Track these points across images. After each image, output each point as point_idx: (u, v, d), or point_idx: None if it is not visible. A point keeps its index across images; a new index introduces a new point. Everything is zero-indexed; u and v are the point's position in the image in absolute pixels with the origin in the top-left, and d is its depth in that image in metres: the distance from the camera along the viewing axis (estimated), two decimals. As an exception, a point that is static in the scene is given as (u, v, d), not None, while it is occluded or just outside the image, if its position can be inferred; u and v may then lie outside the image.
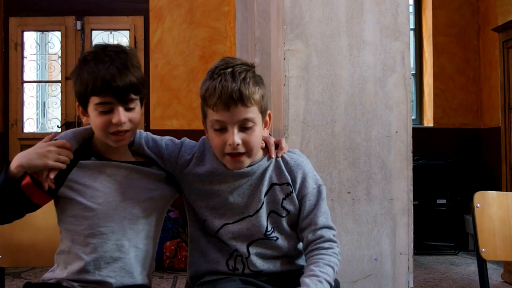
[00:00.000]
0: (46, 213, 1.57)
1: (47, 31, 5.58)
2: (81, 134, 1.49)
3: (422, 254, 4.98)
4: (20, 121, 5.41)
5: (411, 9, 5.61)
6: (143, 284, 1.52)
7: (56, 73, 5.53)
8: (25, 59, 5.49)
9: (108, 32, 5.52)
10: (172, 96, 5.28)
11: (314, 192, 1.52)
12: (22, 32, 5.45)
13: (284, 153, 1.54)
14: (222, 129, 1.42)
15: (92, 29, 5.46)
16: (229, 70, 1.42)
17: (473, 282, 4.01)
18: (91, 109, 1.42)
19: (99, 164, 1.47)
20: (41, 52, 5.78)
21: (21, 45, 5.43)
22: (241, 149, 1.42)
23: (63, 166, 1.41)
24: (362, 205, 2.02)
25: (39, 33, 5.64)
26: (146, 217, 1.50)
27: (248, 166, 1.48)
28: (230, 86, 1.38)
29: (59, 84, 5.46)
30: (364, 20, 2.04)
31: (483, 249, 1.83)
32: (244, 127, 1.42)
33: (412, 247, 2.05)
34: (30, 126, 5.56)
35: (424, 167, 5.09)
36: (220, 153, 1.45)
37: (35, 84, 5.66)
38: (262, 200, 1.50)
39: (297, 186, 1.51)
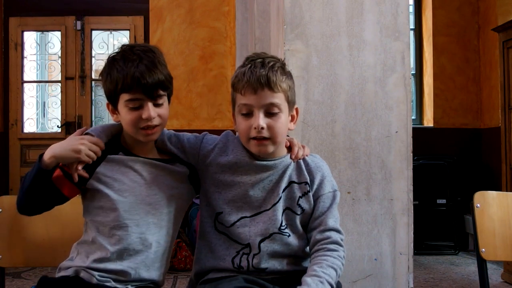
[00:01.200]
0: (47, 214, 1.57)
1: (47, 31, 5.59)
2: (110, 129, 1.55)
3: (422, 254, 4.98)
4: (20, 121, 5.41)
5: (411, 9, 5.61)
6: (158, 280, 1.56)
7: (56, 73, 5.53)
8: (25, 59, 5.49)
9: (108, 32, 5.52)
10: (172, 96, 5.27)
11: (329, 196, 1.56)
12: (22, 32, 5.45)
13: (306, 155, 1.60)
14: (249, 113, 1.48)
15: (92, 29, 5.46)
16: (260, 59, 1.49)
17: (473, 282, 4.01)
18: (121, 106, 1.48)
19: (127, 159, 1.52)
20: (41, 52, 5.78)
21: (21, 45, 5.43)
22: (266, 134, 1.47)
23: (90, 160, 1.46)
24: (362, 205, 2.02)
25: (39, 33, 5.65)
26: (168, 214, 1.55)
27: (271, 160, 1.53)
28: (258, 71, 1.46)
29: (59, 84, 5.46)
30: (364, 20, 2.04)
31: (483, 249, 1.83)
32: (269, 112, 1.48)
33: (412, 247, 2.05)
34: (30, 126, 5.56)
35: (424, 167, 5.09)
36: (246, 138, 1.50)
37: (35, 84, 5.66)
38: (280, 195, 1.53)
39: (315, 186, 1.55)
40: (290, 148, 1.59)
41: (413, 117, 5.42)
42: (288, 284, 1.50)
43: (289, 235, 1.53)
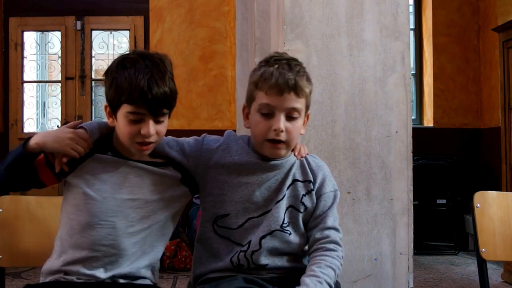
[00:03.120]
0: (47, 213, 1.57)
1: (47, 31, 5.59)
2: (105, 127, 1.51)
3: (422, 254, 4.98)
4: (20, 121, 5.41)
5: (411, 9, 5.61)
6: (147, 277, 1.53)
7: (56, 73, 5.53)
8: (25, 59, 5.49)
9: (108, 32, 5.52)
10: (172, 96, 5.27)
11: (330, 195, 1.57)
12: (22, 32, 5.45)
13: (307, 154, 1.60)
14: (269, 114, 1.46)
15: (92, 29, 5.46)
16: (285, 61, 1.48)
17: (473, 282, 4.01)
18: (121, 115, 1.43)
19: (114, 161, 1.49)
20: (41, 52, 5.78)
21: (21, 45, 5.43)
22: (283, 137, 1.46)
23: (77, 155, 1.44)
24: (362, 205, 2.02)
25: (39, 33, 5.64)
26: (153, 217, 1.51)
27: (278, 160, 1.52)
28: (287, 74, 1.45)
29: (59, 84, 5.46)
30: (364, 20, 2.04)
31: (483, 249, 1.83)
32: (290, 116, 1.47)
33: (412, 247, 2.05)
34: (30, 126, 5.56)
35: (424, 167, 5.09)
36: (261, 138, 1.48)
37: (35, 84, 5.66)
38: (284, 193, 1.53)
39: (317, 185, 1.56)
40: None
41: (413, 117, 5.42)
42: (287, 284, 1.49)
43: (290, 233, 1.53)
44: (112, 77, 1.43)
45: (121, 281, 1.48)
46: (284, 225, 1.52)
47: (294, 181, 1.55)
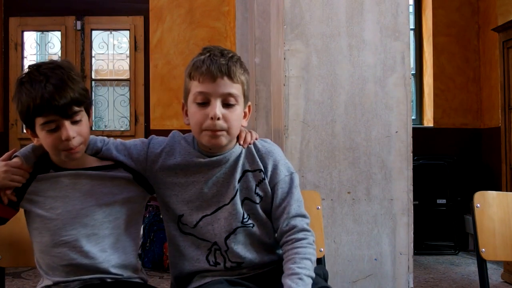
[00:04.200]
0: (46, 213, 1.57)
1: (47, 31, 5.59)
2: (40, 149, 1.50)
3: (422, 254, 4.97)
4: (20, 121, 5.40)
5: (411, 9, 5.61)
6: (131, 276, 1.53)
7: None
8: (25, 59, 5.49)
9: (108, 32, 5.52)
10: (172, 96, 5.28)
11: (286, 180, 1.52)
12: (22, 32, 5.45)
13: (256, 139, 1.56)
14: (205, 103, 1.44)
15: (92, 29, 5.46)
16: (217, 50, 1.47)
17: (473, 282, 4.00)
18: (38, 130, 1.43)
19: (57, 175, 1.48)
20: (41, 52, 5.78)
21: (21, 45, 5.43)
22: (222, 124, 1.43)
23: (18, 184, 1.45)
24: (362, 205, 2.02)
25: (39, 33, 5.65)
26: (112, 221, 1.50)
27: (221, 154, 1.49)
28: (218, 60, 1.43)
29: (59, 84, 5.45)
30: (364, 20, 2.04)
31: (483, 249, 1.83)
32: (227, 103, 1.44)
33: (412, 247, 2.05)
34: (30, 126, 5.56)
35: (424, 167, 5.09)
36: (199, 129, 1.45)
37: (35, 84, 5.65)
38: (236, 187, 1.50)
39: (269, 173, 1.52)
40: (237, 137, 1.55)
41: (413, 117, 5.42)
42: (270, 280, 1.49)
43: (253, 226, 1.51)
44: (17, 99, 1.44)
45: (109, 280, 1.49)
46: (244, 220, 1.50)
47: (245, 172, 1.51)
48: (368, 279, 2.02)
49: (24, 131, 5.46)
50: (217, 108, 1.42)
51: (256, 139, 1.56)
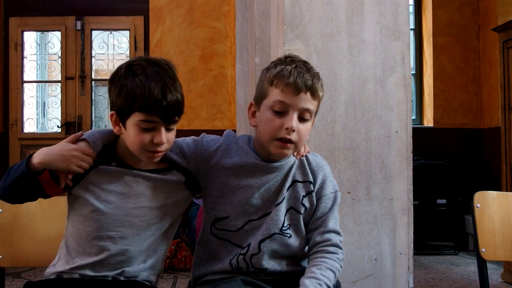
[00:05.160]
0: (47, 214, 1.57)
1: (47, 31, 5.59)
2: (107, 136, 1.48)
3: (422, 254, 4.98)
4: (20, 121, 5.41)
5: (411, 9, 5.61)
6: (148, 280, 1.53)
7: (56, 73, 5.53)
8: (25, 59, 5.49)
9: (108, 32, 5.52)
10: (172, 96, 5.27)
11: (331, 196, 1.55)
12: (22, 32, 5.45)
13: (308, 152, 1.58)
14: (282, 112, 1.44)
15: (92, 29, 5.46)
16: (301, 62, 1.48)
17: (473, 282, 4.01)
18: (131, 123, 1.40)
19: (118, 171, 1.48)
20: (41, 52, 5.78)
21: (21, 45, 5.43)
22: (294, 137, 1.44)
23: (82, 171, 1.43)
24: (362, 205, 2.02)
25: (39, 33, 5.65)
26: (158, 223, 1.51)
27: (278, 162, 1.51)
28: (305, 74, 1.44)
29: (59, 84, 5.46)
30: (364, 20, 2.04)
31: (483, 249, 1.83)
32: (302, 117, 1.45)
33: (412, 247, 2.05)
34: (30, 126, 5.56)
35: (424, 167, 5.09)
36: (271, 136, 1.45)
37: (35, 84, 5.66)
38: (284, 195, 1.51)
39: (317, 186, 1.54)
40: None
41: (413, 117, 5.42)
42: (286, 285, 1.49)
43: (291, 236, 1.52)
44: (121, 84, 1.39)
45: (122, 278, 1.49)
46: (284, 228, 1.51)
47: (294, 182, 1.53)
48: (368, 279, 2.02)
49: (25, 130, 5.48)
50: (294, 120, 1.44)
51: (308, 152, 1.59)
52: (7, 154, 5.33)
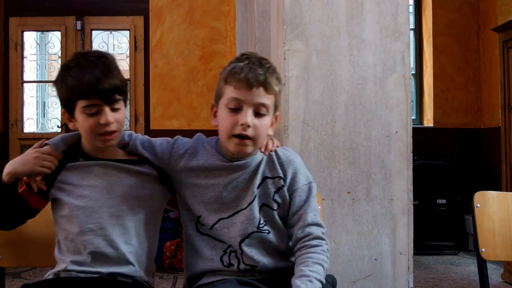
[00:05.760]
0: (46, 214, 1.57)
1: (47, 31, 5.59)
2: (69, 138, 1.56)
3: (422, 254, 4.98)
4: (20, 121, 5.41)
5: (411, 9, 5.61)
6: (143, 279, 1.54)
7: (56, 73, 5.52)
8: (25, 59, 5.49)
9: (108, 32, 5.52)
10: (172, 96, 5.28)
11: (304, 189, 1.54)
12: (22, 32, 5.45)
13: (277, 146, 1.58)
14: (237, 109, 1.46)
15: (92, 29, 5.46)
16: (256, 58, 1.49)
17: (473, 282, 4.01)
18: (78, 113, 1.48)
19: (86, 164, 1.53)
20: (41, 52, 5.78)
21: (21, 45, 5.42)
22: (250, 133, 1.45)
23: (48, 171, 1.50)
24: (362, 205, 2.02)
25: (39, 33, 5.64)
26: (133, 215, 1.54)
27: (243, 160, 1.51)
28: (257, 69, 1.45)
29: (59, 84, 5.45)
30: (364, 20, 2.04)
31: (483, 249, 1.83)
32: (258, 112, 1.46)
33: (412, 247, 2.05)
34: (30, 126, 5.56)
35: (424, 167, 5.09)
36: (228, 134, 1.47)
37: (35, 84, 5.66)
38: (255, 193, 1.52)
39: (288, 181, 1.54)
40: None
41: (413, 117, 5.41)
42: (281, 283, 1.49)
43: (269, 232, 1.52)
44: (60, 81, 1.49)
45: (119, 278, 1.50)
46: (260, 225, 1.51)
47: (264, 178, 1.53)
48: (368, 279, 2.02)
49: (25, 130, 5.48)
50: (249, 116, 1.45)
51: (277, 146, 1.58)
52: (7, 154, 5.33)
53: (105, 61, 1.48)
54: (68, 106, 1.50)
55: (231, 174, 1.52)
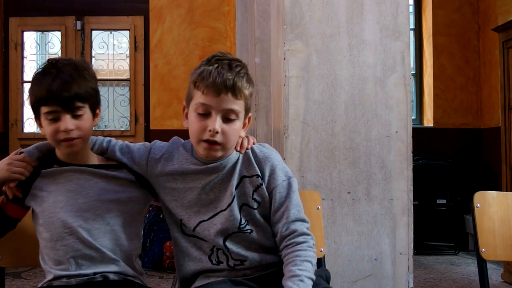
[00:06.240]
0: (46, 213, 1.58)
1: (47, 31, 5.59)
2: (44, 145, 1.58)
3: (422, 254, 4.98)
4: (20, 121, 5.41)
5: (411, 9, 5.61)
6: (134, 276, 1.55)
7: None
8: (25, 59, 5.49)
9: (108, 32, 5.52)
10: (172, 96, 5.28)
11: (284, 185, 1.52)
12: (22, 32, 5.45)
13: (253, 144, 1.56)
14: (206, 114, 1.44)
15: (92, 29, 5.46)
16: (226, 61, 1.46)
17: (473, 282, 4.01)
18: (42, 119, 1.50)
19: (60, 170, 1.54)
20: (41, 52, 5.78)
21: (21, 45, 5.42)
22: (219, 138, 1.44)
23: (21, 176, 1.52)
24: (362, 205, 2.02)
25: (39, 33, 5.64)
26: (112, 218, 1.54)
27: (217, 161, 1.50)
28: (225, 74, 1.43)
29: (59, 84, 5.45)
30: (364, 20, 2.04)
31: (483, 249, 1.83)
32: (227, 117, 1.45)
33: (412, 247, 2.05)
34: (30, 126, 5.56)
35: (424, 167, 5.09)
36: (197, 139, 1.46)
37: (35, 84, 5.65)
38: (234, 194, 1.50)
39: (266, 178, 1.52)
40: None
41: (413, 117, 5.42)
42: (273, 281, 1.49)
43: (252, 231, 1.51)
44: (30, 88, 1.52)
45: (111, 276, 1.51)
46: (242, 225, 1.50)
47: (242, 178, 1.52)
48: (368, 279, 2.02)
49: (25, 130, 5.48)
50: (217, 122, 1.43)
51: (253, 143, 1.56)
52: (7, 154, 5.28)
53: (71, 68, 1.49)
54: (35, 112, 1.52)
55: (208, 177, 1.50)
